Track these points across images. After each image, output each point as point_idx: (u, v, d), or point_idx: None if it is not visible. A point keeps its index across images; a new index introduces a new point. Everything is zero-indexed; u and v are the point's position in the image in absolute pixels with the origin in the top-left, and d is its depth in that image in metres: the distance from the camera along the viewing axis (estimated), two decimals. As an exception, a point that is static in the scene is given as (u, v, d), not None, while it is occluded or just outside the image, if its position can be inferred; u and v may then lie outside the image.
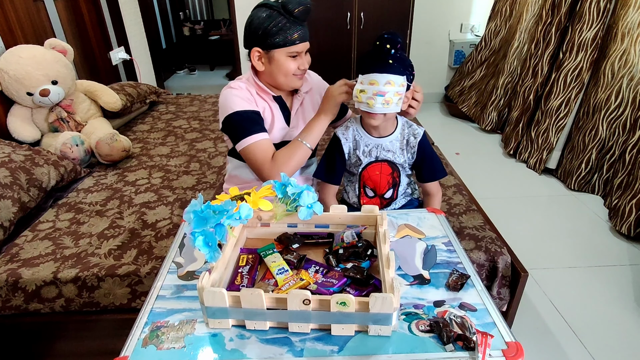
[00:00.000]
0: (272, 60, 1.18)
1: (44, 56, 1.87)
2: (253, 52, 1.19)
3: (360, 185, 1.25)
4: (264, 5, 1.16)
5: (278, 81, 1.23)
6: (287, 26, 1.13)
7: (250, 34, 1.17)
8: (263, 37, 1.15)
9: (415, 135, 1.17)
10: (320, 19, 3.16)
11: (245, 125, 1.18)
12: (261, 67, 1.21)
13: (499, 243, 1.35)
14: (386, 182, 1.22)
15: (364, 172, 1.22)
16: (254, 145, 1.17)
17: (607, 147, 2.38)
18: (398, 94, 1.04)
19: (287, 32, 1.14)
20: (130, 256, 1.31)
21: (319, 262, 0.88)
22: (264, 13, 1.14)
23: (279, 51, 1.16)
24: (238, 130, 1.18)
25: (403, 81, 1.03)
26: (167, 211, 1.56)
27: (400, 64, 1.02)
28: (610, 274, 1.89)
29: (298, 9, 1.13)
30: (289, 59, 1.18)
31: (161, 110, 2.65)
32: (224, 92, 1.23)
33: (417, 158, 1.19)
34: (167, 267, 0.89)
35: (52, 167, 1.65)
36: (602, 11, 2.33)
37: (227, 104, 1.20)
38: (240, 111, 1.18)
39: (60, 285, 1.24)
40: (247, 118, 1.18)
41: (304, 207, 0.89)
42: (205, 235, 0.76)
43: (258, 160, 1.18)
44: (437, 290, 0.81)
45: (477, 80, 3.54)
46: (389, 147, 1.18)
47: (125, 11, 3.28)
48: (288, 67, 1.18)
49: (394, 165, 1.20)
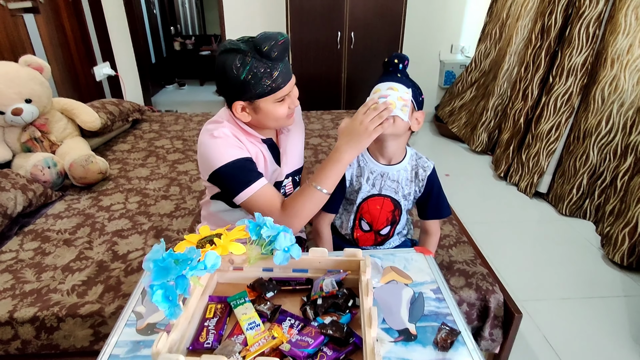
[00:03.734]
0: (258, 110, 1.03)
1: (17, 73, 1.78)
2: (235, 105, 1.03)
3: (356, 217, 1.18)
4: (233, 50, 0.96)
5: (268, 126, 1.10)
6: (267, 72, 0.96)
7: (227, 86, 1.00)
8: (242, 89, 0.98)
9: (425, 168, 1.11)
10: (310, 39, 3.13)
11: (240, 177, 1.03)
12: (247, 118, 1.05)
13: (491, 280, 1.28)
14: (385, 218, 1.15)
15: (364, 203, 1.15)
16: (256, 195, 1.02)
17: (598, 173, 2.35)
18: (402, 99, 0.99)
19: (269, 78, 0.97)
20: (95, 293, 1.21)
21: (294, 314, 0.79)
22: (237, 61, 0.95)
23: (264, 100, 1.01)
24: (233, 184, 1.03)
25: (408, 90, 1.01)
26: (141, 241, 1.46)
27: (407, 80, 1.02)
28: (604, 306, 1.82)
29: (274, 50, 0.95)
30: (277, 104, 1.03)
31: (144, 129, 2.57)
32: (205, 142, 1.04)
33: (424, 193, 1.13)
34: (125, 318, 0.79)
35: (20, 191, 1.55)
36: (592, 37, 2.33)
37: (213, 156, 1.03)
38: (230, 162, 1.01)
39: (16, 326, 1.13)
40: (241, 168, 1.03)
41: (280, 250, 0.81)
42: (165, 289, 0.68)
43: (264, 210, 1.01)
44: (424, 348, 0.73)
45: (467, 101, 3.52)
46: (395, 176, 1.11)
47: (113, 26, 3.22)
48: (278, 113, 1.04)
49: (396, 203, 1.14)
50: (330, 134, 2.48)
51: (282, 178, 1.16)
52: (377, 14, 3.09)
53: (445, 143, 3.64)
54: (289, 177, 1.19)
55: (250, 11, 3.50)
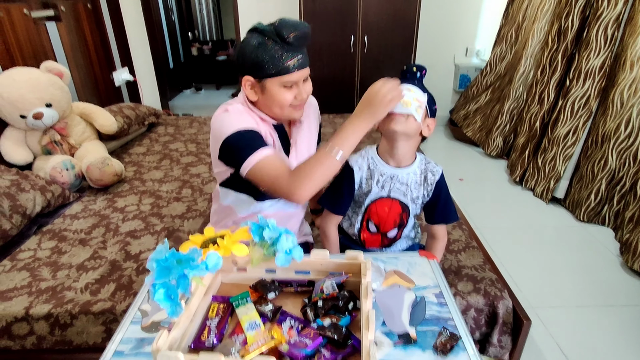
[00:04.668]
0: (264, 90, 1.07)
1: (38, 79, 1.85)
2: (244, 80, 1.08)
3: (364, 218, 1.18)
4: (256, 30, 1.05)
5: (273, 112, 1.11)
6: (279, 53, 1.02)
7: (241, 61, 1.06)
8: (254, 66, 1.04)
9: (434, 172, 1.13)
10: (323, 43, 3.15)
11: (249, 143, 1.03)
12: (254, 96, 1.10)
13: (500, 285, 1.26)
14: (393, 220, 1.16)
15: (372, 205, 1.15)
16: (263, 161, 1.00)
17: (618, 178, 2.29)
18: (417, 100, 1.02)
19: (280, 60, 1.02)
20: (107, 291, 1.25)
21: (295, 315, 0.80)
22: (255, 40, 1.03)
23: (271, 80, 1.05)
24: (241, 149, 1.02)
25: (423, 94, 1.04)
26: (152, 241, 1.50)
27: (423, 88, 1.05)
28: (621, 315, 1.77)
29: (293, 34, 1.01)
30: (283, 89, 1.06)
31: (160, 132, 2.63)
32: (219, 115, 1.09)
33: (432, 197, 1.13)
34: (130, 316, 0.82)
35: (39, 192, 1.61)
36: (610, 39, 2.27)
37: (224, 126, 1.05)
38: (241, 130, 1.03)
39: (31, 322, 1.18)
40: (250, 136, 1.04)
41: (282, 252, 0.82)
42: (166, 288, 0.70)
43: (271, 176, 1.00)
44: (424, 352, 0.73)
45: (482, 104, 3.48)
46: (404, 179, 1.11)
47: (131, 32, 3.31)
48: (283, 98, 1.06)
49: (404, 206, 1.14)
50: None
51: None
52: (390, 17, 3.09)
53: (460, 147, 3.59)
54: None
55: (264, 16, 3.55)
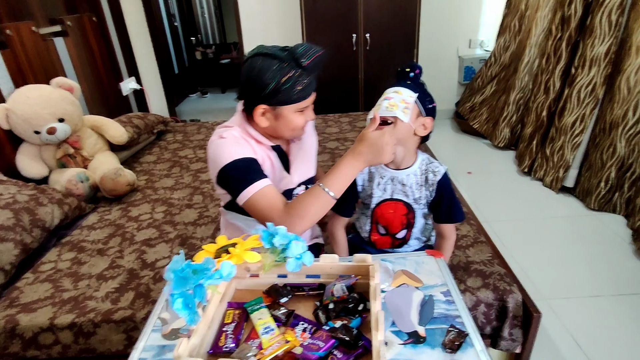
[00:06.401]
0: (279, 117, 1.06)
1: (50, 95, 1.91)
2: (257, 108, 1.05)
3: (372, 221, 1.20)
4: (268, 55, 1.00)
5: (283, 135, 1.12)
6: (299, 81, 1.00)
7: (256, 88, 1.02)
8: (273, 94, 1.01)
9: (436, 172, 1.12)
10: (325, 43, 3.15)
11: (244, 175, 1.03)
12: (265, 123, 1.07)
13: (509, 280, 1.27)
14: (400, 222, 1.17)
15: (377, 208, 1.17)
16: (258, 194, 1.01)
17: (627, 165, 2.27)
18: (404, 102, 1.03)
19: (299, 87, 1.01)
20: (127, 299, 1.29)
21: (307, 318, 0.83)
22: (273, 65, 0.99)
23: (287, 108, 1.04)
24: (237, 181, 1.04)
25: (412, 94, 1.04)
26: (167, 249, 1.54)
27: (415, 85, 1.06)
28: (635, 304, 1.77)
29: (312, 60, 0.99)
30: (298, 114, 1.07)
31: (169, 140, 2.68)
32: (214, 142, 1.08)
33: (436, 197, 1.14)
34: (151, 324, 0.86)
35: (56, 205, 1.66)
36: (614, 25, 2.25)
37: (220, 154, 1.05)
38: (237, 160, 1.03)
39: (56, 332, 1.23)
40: (246, 167, 1.04)
41: (293, 258, 0.85)
42: (184, 297, 0.73)
43: (265, 210, 1.01)
44: (433, 350, 0.75)
45: (488, 96, 3.46)
46: (405, 180, 1.13)
47: (136, 42, 3.37)
48: (297, 123, 1.07)
49: (409, 206, 1.15)
50: (347, 137, 2.50)
51: (292, 186, 1.18)
52: (391, 14, 3.09)
53: (467, 140, 3.59)
54: (301, 185, 1.22)
55: (266, 18, 3.57)
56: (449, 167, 1.17)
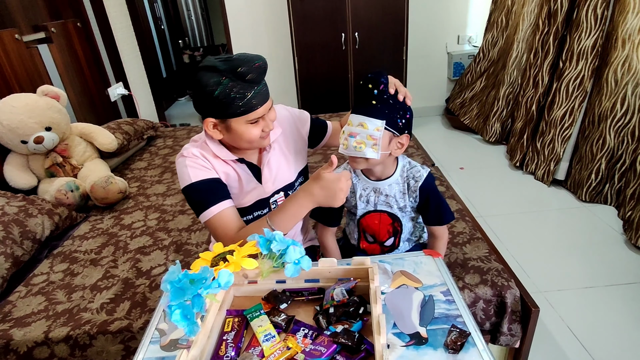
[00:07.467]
0: (229, 130, 1.03)
1: (36, 103, 1.87)
2: (206, 122, 1.03)
3: (359, 230, 1.20)
4: (209, 68, 0.97)
5: (241, 146, 1.09)
6: (240, 93, 0.97)
7: (201, 102, 1.01)
8: (214, 107, 0.99)
9: (417, 178, 1.08)
10: (314, 43, 3.16)
11: (202, 197, 1.05)
12: (218, 135, 1.05)
13: (506, 275, 1.28)
14: (386, 231, 1.17)
15: (363, 219, 1.16)
16: (214, 218, 1.05)
17: (617, 156, 2.30)
18: (372, 138, 0.96)
19: (242, 99, 0.97)
20: (123, 310, 1.27)
21: (308, 324, 0.83)
22: (212, 79, 0.96)
23: (235, 120, 1.01)
24: (195, 204, 1.07)
25: (379, 125, 0.95)
26: (162, 256, 1.52)
27: (383, 106, 0.96)
28: (629, 293, 1.79)
29: (250, 72, 0.95)
30: (250, 125, 1.02)
31: (158, 145, 2.65)
32: (177, 160, 1.10)
33: (420, 202, 1.11)
34: (149, 335, 0.84)
35: (46, 216, 1.63)
36: (600, 18, 2.27)
37: (180, 175, 1.08)
38: (196, 182, 1.04)
39: (52, 345, 1.20)
40: (204, 189, 1.05)
41: (291, 263, 0.84)
42: (182, 308, 0.72)
43: (218, 234, 1.05)
44: (435, 351, 0.75)
45: (478, 91, 3.48)
46: (387, 190, 1.10)
47: (123, 46, 3.32)
48: (250, 135, 1.03)
49: (394, 216, 1.14)
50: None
51: (266, 195, 1.16)
52: (379, 11, 3.09)
53: (458, 136, 3.60)
54: (280, 192, 1.19)
55: (254, 18, 3.55)
56: (441, 164, 1.16)
